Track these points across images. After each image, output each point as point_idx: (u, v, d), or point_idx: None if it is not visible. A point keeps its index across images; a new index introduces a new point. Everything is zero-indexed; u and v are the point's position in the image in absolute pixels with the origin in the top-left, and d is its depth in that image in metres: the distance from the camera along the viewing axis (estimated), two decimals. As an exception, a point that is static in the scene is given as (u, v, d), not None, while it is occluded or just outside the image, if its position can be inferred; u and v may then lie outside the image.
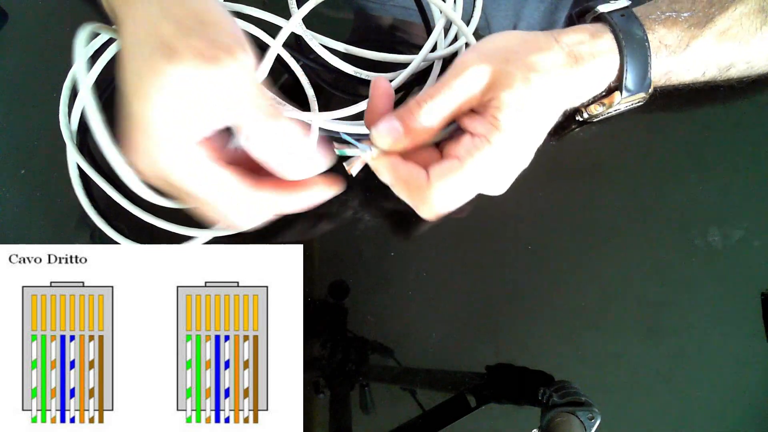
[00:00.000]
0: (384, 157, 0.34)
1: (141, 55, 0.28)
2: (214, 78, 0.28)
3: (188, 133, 0.28)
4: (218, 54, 0.28)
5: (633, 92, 0.38)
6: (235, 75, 0.28)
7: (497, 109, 0.33)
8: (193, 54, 0.27)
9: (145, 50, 0.28)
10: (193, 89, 0.28)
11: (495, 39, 0.36)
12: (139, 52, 0.28)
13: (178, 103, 0.28)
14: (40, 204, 0.44)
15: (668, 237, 0.43)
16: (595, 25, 0.38)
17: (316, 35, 0.46)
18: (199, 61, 0.27)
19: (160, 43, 0.28)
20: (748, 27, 0.38)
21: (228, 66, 0.28)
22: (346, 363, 0.40)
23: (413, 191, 0.33)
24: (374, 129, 0.33)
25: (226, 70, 0.28)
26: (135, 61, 0.28)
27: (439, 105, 0.33)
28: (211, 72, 0.27)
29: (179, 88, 0.27)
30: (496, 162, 0.33)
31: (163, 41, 0.27)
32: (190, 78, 0.27)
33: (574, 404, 0.37)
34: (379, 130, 0.33)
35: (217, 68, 0.28)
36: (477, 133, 0.33)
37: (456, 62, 0.34)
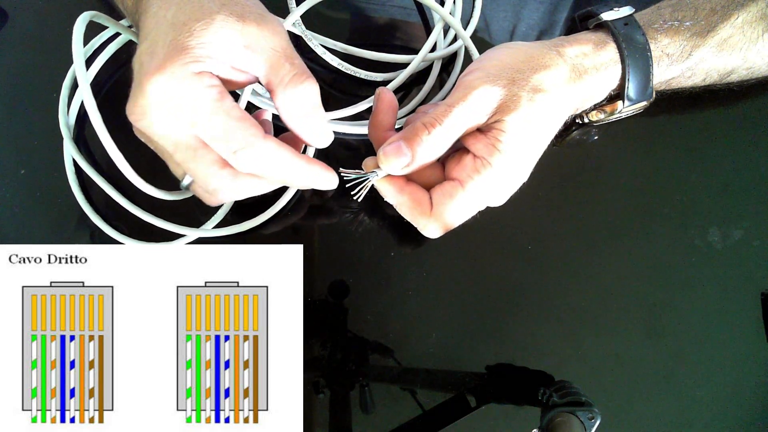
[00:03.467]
0: (389, 179, 0.34)
1: (176, 13, 0.29)
2: (254, 30, 0.29)
3: (216, 67, 0.29)
4: (256, 14, 0.30)
5: (635, 101, 0.38)
6: (273, 31, 0.30)
7: (501, 132, 0.33)
8: (231, 14, 0.29)
9: (185, 7, 0.29)
10: (235, 34, 0.29)
11: (500, 55, 0.35)
12: (174, 12, 0.30)
13: (219, 39, 0.29)
14: (40, 204, 0.44)
15: (668, 237, 0.43)
16: (598, 34, 0.38)
17: (315, 35, 0.46)
18: (239, 16, 0.29)
19: (199, 7, 0.29)
20: (749, 35, 0.38)
21: (268, 22, 0.30)
22: (346, 363, 0.40)
23: (417, 213, 0.34)
24: (382, 153, 0.33)
25: (266, 25, 0.30)
26: (171, 14, 0.30)
27: (446, 131, 0.33)
28: (252, 25, 0.29)
29: (221, 28, 0.29)
30: (497, 182, 0.34)
31: (202, 7, 0.29)
32: (233, 24, 0.29)
33: (574, 404, 0.37)
34: (387, 153, 0.33)
35: (258, 22, 0.30)
36: (479, 154, 0.33)
37: (462, 82, 0.34)
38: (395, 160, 0.32)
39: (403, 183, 0.34)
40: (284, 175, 0.31)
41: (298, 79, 0.30)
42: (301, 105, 0.31)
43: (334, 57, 0.45)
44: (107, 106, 0.34)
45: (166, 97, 0.28)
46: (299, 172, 0.31)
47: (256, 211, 0.42)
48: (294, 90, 0.30)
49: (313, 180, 0.32)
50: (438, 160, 0.35)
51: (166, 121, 0.29)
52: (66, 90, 0.44)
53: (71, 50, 0.35)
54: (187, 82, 0.28)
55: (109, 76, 0.46)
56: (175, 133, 0.30)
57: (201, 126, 0.29)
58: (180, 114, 0.29)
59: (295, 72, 0.30)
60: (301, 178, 0.32)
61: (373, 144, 0.35)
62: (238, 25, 0.29)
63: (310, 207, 0.44)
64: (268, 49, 0.30)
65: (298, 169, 0.31)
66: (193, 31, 0.28)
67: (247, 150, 0.30)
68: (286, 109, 0.31)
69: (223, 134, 0.29)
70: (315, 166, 0.32)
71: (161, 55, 0.28)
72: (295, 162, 0.31)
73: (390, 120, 0.35)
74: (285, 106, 0.31)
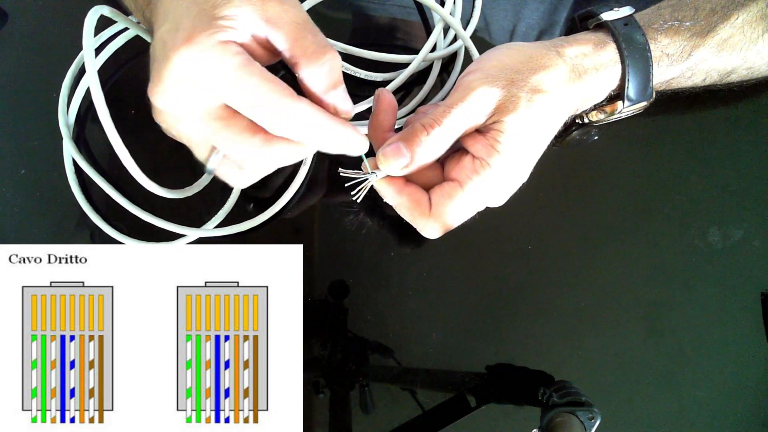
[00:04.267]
0: (388, 180, 0.34)
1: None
2: (276, 3, 0.29)
3: (243, 36, 0.29)
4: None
5: (635, 101, 0.38)
6: (295, 5, 0.30)
7: (500, 132, 0.33)
8: None
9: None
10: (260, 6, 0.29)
11: (499, 56, 0.35)
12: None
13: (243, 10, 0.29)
14: (40, 204, 0.44)
15: (668, 237, 0.43)
16: (598, 35, 0.38)
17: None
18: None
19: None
20: (749, 35, 0.38)
21: (283, 2, 0.30)
22: (346, 363, 0.40)
23: (416, 214, 0.34)
24: (381, 153, 0.33)
25: (284, 4, 0.30)
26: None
27: (445, 131, 0.33)
28: (270, 3, 0.29)
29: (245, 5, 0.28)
30: (496, 183, 0.34)
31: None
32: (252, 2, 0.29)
33: (574, 404, 0.37)
34: (386, 154, 0.33)
35: (276, 3, 0.29)
36: (478, 155, 0.33)
37: (461, 83, 0.34)
38: (394, 161, 0.33)
39: (402, 184, 0.34)
40: (319, 136, 0.31)
41: (320, 52, 0.30)
42: (325, 77, 0.31)
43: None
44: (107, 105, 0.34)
45: (194, 68, 0.28)
46: (333, 133, 0.31)
47: (256, 211, 0.42)
48: (317, 62, 0.30)
49: (345, 142, 0.31)
50: (437, 161, 0.35)
51: (193, 93, 0.29)
52: (66, 90, 0.44)
53: (71, 49, 0.35)
54: (214, 50, 0.28)
55: (109, 75, 0.46)
56: (203, 105, 0.29)
57: (232, 92, 0.29)
58: (209, 83, 0.28)
59: (317, 45, 0.30)
60: (334, 140, 0.31)
61: (373, 145, 0.35)
62: (259, 1, 0.29)
63: (311, 207, 0.44)
64: (289, 22, 0.30)
65: (332, 130, 0.31)
66: (218, 4, 0.28)
67: (281, 111, 0.29)
68: (311, 81, 0.31)
69: (256, 97, 0.29)
70: (347, 127, 0.31)
71: (188, 28, 0.28)
72: (329, 122, 0.30)
73: (389, 121, 0.35)
74: (309, 78, 0.31)
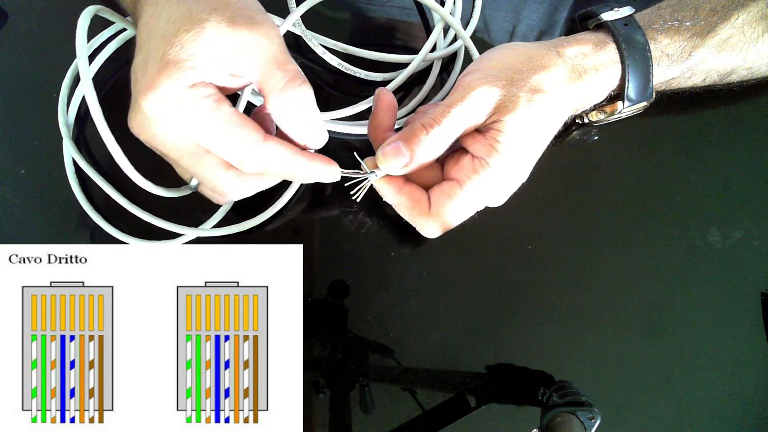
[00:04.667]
0: (388, 179, 0.34)
1: (172, 13, 0.29)
2: (245, 35, 0.29)
3: (209, 76, 0.29)
4: (248, 18, 0.30)
5: (635, 102, 0.38)
6: (264, 36, 0.30)
7: (499, 132, 0.33)
8: (223, 16, 0.29)
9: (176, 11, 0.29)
10: (225, 42, 0.29)
11: (499, 56, 0.35)
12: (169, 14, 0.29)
13: (208, 49, 0.29)
14: (40, 204, 0.44)
15: (668, 237, 0.43)
16: (598, 35, 0.38)
17: (315, 35, 0.46)
18: (230, 20, 0.29)
19: (188, 15, 0.29)
20: (749, 35, 0.38)
21: (258, 27, 0.30)
22: (346, 363, 0.40)
23: (415, 213, 0.34)
24: (381, 153, 0.33)
25: (257, 31, 0.29)
26: (163, 19, 0.29)
27: (445, 131, 0.33)
28: (243, 30, 0.29)
29: (212, 37, 0.29)
30: (495, 183, 0.34)
31: (192, 15, 0.29)
32: (223, 31, 0.29)
33: (574, 404, 0.37)
34: (386, 153, 0.33)
35: (249, 27, 0.29)
36: (477, 155, 0.33)
37: (461, 82, 0.34)
38: (394, 161, 0.33)
39: (401, 183, 0.34)
40: (287, 172, 0.32)
41: (289, 86, 0.30)
42: (293, 111, 0.31)
43: (333, 57, 0.45)
44: (107, 105, 0.34)
45: (163, 112, 0.29)
46: (301, 169, 0.32)
47: (256, 211, 0.42)
48: (285, 96, 0.30)
49: (314, 175, 0.32)
50: (437, 161, 0.35)
51: (166, 133, 0.30)
52: (65, 89, 0.44)
53: (71, 50, 0.35)
54: (181, 95, 0.29)
55: (109, 75, 0.46)
56: (178, 143, 0.30)
57: (201, 135, 0.30)
58: (179, 126, 0.29)
59: (288, 78, 0.30)
60: (303, 175, 0.32)
61: (373, 144, 0.35)
62: (229, 31, 0.29)
63: (311, 207, 0.44)
64: (259, 54, 0.30)
65: (299, 167, 0.31)
66: (184, 43, 0.28)
67: (249, 154, 0.30)
68: (278, 115, 0.31)
69: (223, 141, 0.30)
70: (316, 162, 0.32)
71: (153, 71, 0.28)
72: (296, 160, 0.31)
73: (389, 120, 0.35)
74: (277, 112, 0.31)
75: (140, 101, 0.29)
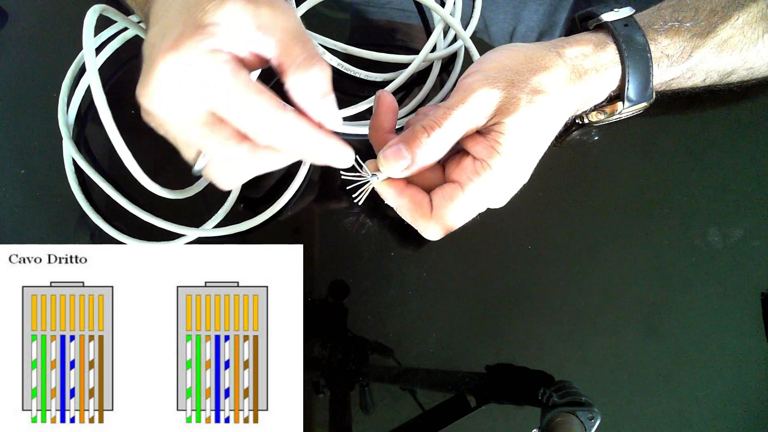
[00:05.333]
0: (389, 182, 0.34)
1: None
2: (266, 12, 0.29)
3: (231, 44, 0.29)
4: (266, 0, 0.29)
5: (635, 102, 0.38)
6: (285, 13, 0.30)
7: (500, 134, 0.33)
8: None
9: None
10: (249, 13, 0.29)
11: (499, 57, 0.35)
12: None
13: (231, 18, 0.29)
14: (40, 204, 0.44)
15: (668, 237, 0.43)
16: (598, 35, 0.38)
17: (315, 35, 0.46)
18: (248, 1, 0.29)
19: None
20: (750, 35, 0.38)
21: (279, 4, 0.30)
22: (346, 363, 0.40)
23: (417, 216, 0.34)
24: (382, 156, 0.33)
25: (279, 7, 0.29)
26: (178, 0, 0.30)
27: (446, 133, 0.33)
28: (264, 6, 0.29)
29: (235, 8, 0.28)
30: (497, 184, 0.33)
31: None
32: (246, 5, 0.28)
33: (574, 404, 0.37)
34: (387, 156, 0.33)
35: (270, 4, 0.29)
36: (478, 156, 0.33)
37: (461, 84, 0.34)
38: (395, 163, 0.33)
39: (403, 185, 0.34)
40: (303, 147, 0.31)
41: (309, 62, 0.30)
42: (311, 87, 0.30)
43: (333, 57, 0.45)
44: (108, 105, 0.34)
45: (181, 74, 0.28)
46: (318, 144, 0.31)
47: (256, 211, 0.42)
48: (305, 72, 0.30)
49: (329, 154, 0.31)
50: (438, 163, 0.35)
51: (180, 98, 0.29)
52: (66, 89, 0.44)
53: (71, 50, 0.35)
54: (202, 58, 0.28)
55: (109, 76, 0.46)
56: (190, 111, 0.29)
57: (218, 100, 0.29)
58: (195, 90, 0.28)
59: (306, 54, 0.30)
60: (318, 152, 0.31)
61: (374, 146, 0.35)
62: (251, 6, 0.29)
63: (311, 207, 0.44)
64: (280, 30, 0.29)
65: (316, 142, 0.30)
66: (207, 10, 0.28)
67: (267, 121, 0.29)
68: (297, 90, 0.30)
69: (241, 106, 0.29)
70: (333, 139, 0.31)
71: (176, 33, 0.28)
72: (314, 134, 0.30)
73: (390, 122, 0.35)
74: (296, 87, 0.30)
75: (159, 61, 0.28)
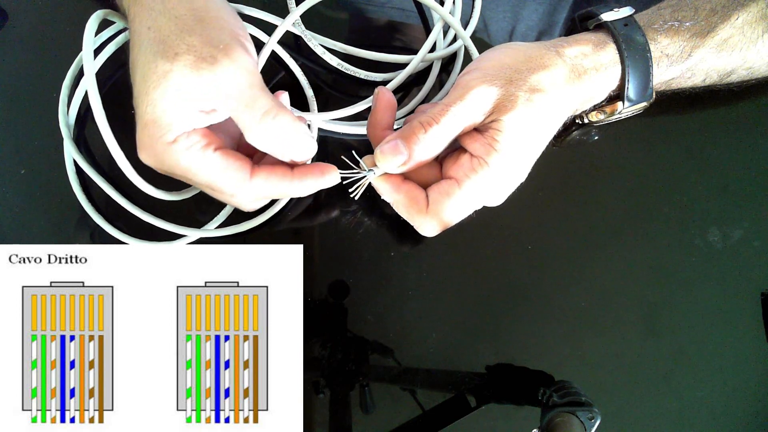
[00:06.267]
0: (386, 177, 0.34)
1: (144, 55, 0.30)
2: (210, 77, 0.30)
3: (185, 126, 0.31)
4: (215, 53, 0.30)
5: (635, 102, 0.38)
6: (232, 74, 0.30)
7: (498, 131, 0.33)
8: (190, 53, 0.30)
9: (148, 49, 0.30)
10: (192, 87, 0.30)
11: (498, 55, 0.35)
12: (144, 51, 0.31)
13: (177, 100, 0.30)
14: (40, 204, 0.44)
15: (668, 237, 0.43)
16: (598, 35, 0.38)
17: (315, 35, 0.46)
18: (195, 60, 0.30)
19: (160, 41, 0.30)
20: (749, 35, 0.38)
21: (225, 66, 0.30)
22: (346, 363, 0.40)
23: (413, 211, 0.34)
24: (379, 151, 0.33)
25: (223, 70, 0.30)
26: (140, 61, 0.31)
27: (443, 130, 0.33)
28: (207, 72, 0.30)
29: (178, 86, 0.30)
30: (494, 182, 0.34)
31: (163, 39, 0.30)
32: (188, 77, 0.30)
33: (574, 404, 0.37)
34: (384, 151, 0.33)
35: (214, 68, 0.30)
36: (476, 154, 0.33)
37: (460, 82, 0.34)
38: (392, 159, 0.33)
39: (399, 181, 0.34)
40: (284, 194, 0.35)
41: (264, 120, 0.31)
42: (271, 141, 0.32)
43: (333, 57, 0.45)
44: (106, 107, 0.34)
45: (156, 164, 0.32)
46: (293, 189, 0.34)
47: (257, 211, 0.42)
48: (261, 132, 0.32)
49: (310, 189, 0.34)
50: (435, 159, 0.35)
51: (171, 173, 0.33)
52: (66, 90, 0.44)
53: (71, 50, 0.35)
54: (165, 151, 0.31)
55: (108, 76, 0.46)
56: (185, 180, 0.33)
57: (193, 181, 0.33)
58: (177, 174, 0.32)
59: (260, 114, 0.31)
60: (298, 193, 0.34)
61: (372, 142, 0.35)
62: (194, 76, 0.30)
63: (311, 207, 0.44)
64: (228, 95, 0.31)
65: (291, 189, 0.34)
66: (155, 101, 0.30)
67: (239, 192, 0.33)
68: (260, 146, 0.33)
69: (213, 184, 0.32)
70: (307, 178, 0.33)
71: (138, 128, 0.31)
72: (285, 185, 0.33)
73: (388, 119, 0.35)
74: (257, 144, 0.32)
75: (139, 153, 0.32)
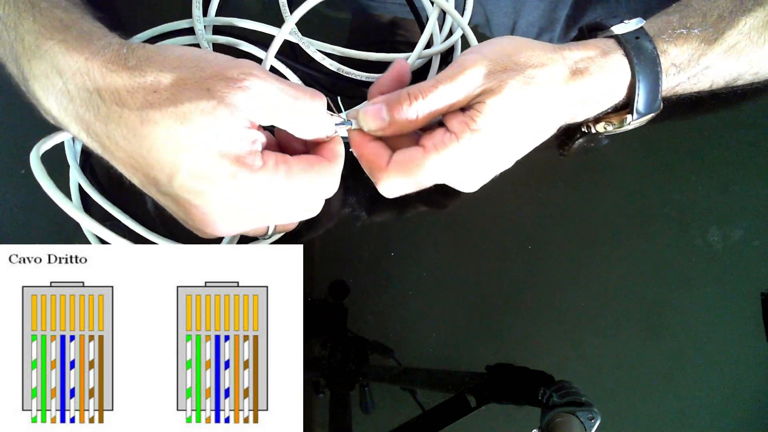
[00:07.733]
0: (360, 132, 0.35)
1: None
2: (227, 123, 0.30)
3: (252, 146, 0.32)
4: (219, 107, 0.30)
5: (643, 114, 0.38)
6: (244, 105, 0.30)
7: (478, 112, 0.33)
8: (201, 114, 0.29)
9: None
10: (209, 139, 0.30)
11: (502, 42, 0.35)
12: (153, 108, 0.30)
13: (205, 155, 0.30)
14: (40, 204, 0.44)
15: (668, 237, 0.43)
16: (606, 42, 0.37)
17: (312, 41, 0.46)
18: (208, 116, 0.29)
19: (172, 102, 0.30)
20: (756, 40, 0.38)
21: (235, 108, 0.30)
22: (346, 363, 0.40)
23: (373, 167, 0.35)
24: (362, 111, 0.34)
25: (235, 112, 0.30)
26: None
27: (428, 104, 0.33)
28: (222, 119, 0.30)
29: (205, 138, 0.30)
30: (460, 161, 0.34)
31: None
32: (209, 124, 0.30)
33: (574, 404, 0.37)
34: (367, 113, 0.34)
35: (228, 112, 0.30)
36: (451, 129, 0.34)
37: (457, 60, 0.34)
38: (372, 122, 0.34)
39: (367, 139, 0.35)
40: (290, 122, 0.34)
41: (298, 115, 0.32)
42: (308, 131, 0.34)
43: (332, 62, 0.45)
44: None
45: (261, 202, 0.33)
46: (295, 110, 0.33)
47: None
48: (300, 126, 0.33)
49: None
50: (416, 133, 0.36)
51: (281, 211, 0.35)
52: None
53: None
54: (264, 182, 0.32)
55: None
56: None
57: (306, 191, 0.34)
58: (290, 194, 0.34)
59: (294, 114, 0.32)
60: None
61: (368, 97, 0.37)
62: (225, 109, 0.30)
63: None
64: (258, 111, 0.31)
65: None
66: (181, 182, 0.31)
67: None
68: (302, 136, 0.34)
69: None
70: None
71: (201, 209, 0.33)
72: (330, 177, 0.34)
73: (391, 85, 0.36)
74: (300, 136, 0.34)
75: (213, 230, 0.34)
